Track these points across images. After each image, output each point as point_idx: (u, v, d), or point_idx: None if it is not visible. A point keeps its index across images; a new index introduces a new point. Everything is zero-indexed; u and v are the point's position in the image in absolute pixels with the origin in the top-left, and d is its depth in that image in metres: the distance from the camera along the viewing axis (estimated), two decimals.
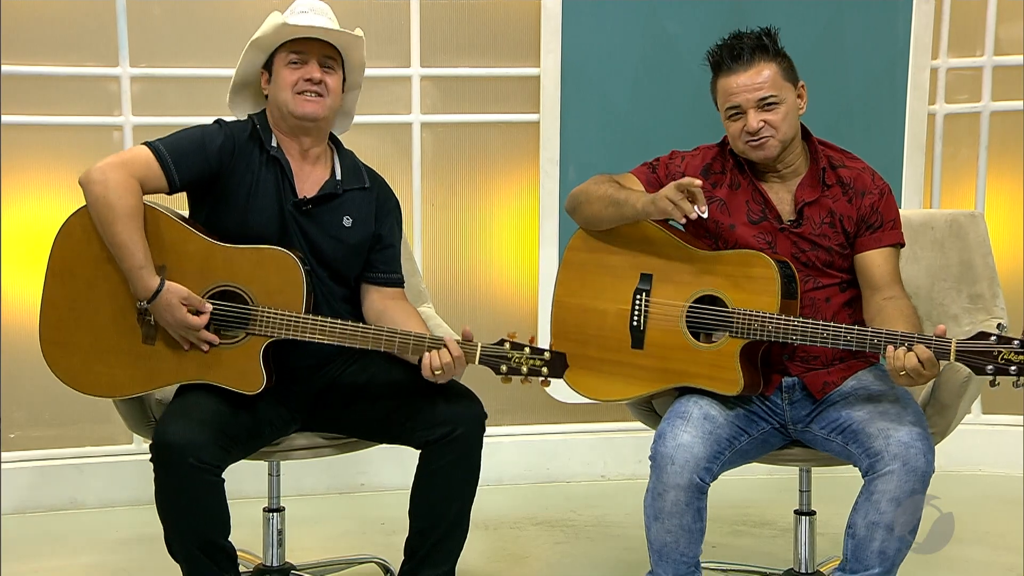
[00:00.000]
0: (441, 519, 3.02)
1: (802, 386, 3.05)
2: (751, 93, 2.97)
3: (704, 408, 2.97)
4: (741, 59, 2.97)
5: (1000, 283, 3.43)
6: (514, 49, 4.43)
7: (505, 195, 4.51)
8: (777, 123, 2.98)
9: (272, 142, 3.08)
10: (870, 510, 2.86)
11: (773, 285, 2.94)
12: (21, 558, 3.83)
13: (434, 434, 2.99)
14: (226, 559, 2.94)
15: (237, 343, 2.95)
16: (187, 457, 2.79)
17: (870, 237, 3.04)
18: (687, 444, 2.90)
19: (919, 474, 2.84)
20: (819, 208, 3.04)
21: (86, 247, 2.97)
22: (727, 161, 3.11)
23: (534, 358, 2.92)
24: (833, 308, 3.05)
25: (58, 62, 4.17)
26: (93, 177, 2.91)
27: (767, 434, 3.06)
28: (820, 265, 3.04)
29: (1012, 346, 2.70)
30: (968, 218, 3.47)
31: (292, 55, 3.05)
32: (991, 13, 4.57)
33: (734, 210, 3.07)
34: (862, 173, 3.08)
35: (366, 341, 2.94)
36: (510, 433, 4.55)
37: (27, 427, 4.26)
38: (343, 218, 3.10)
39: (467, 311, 4.47)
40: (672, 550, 2.95)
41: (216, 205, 3.03)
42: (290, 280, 2.95)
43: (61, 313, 2.99)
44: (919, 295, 3.42)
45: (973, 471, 4.66)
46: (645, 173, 3.16)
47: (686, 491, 2.89)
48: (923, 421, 2.95)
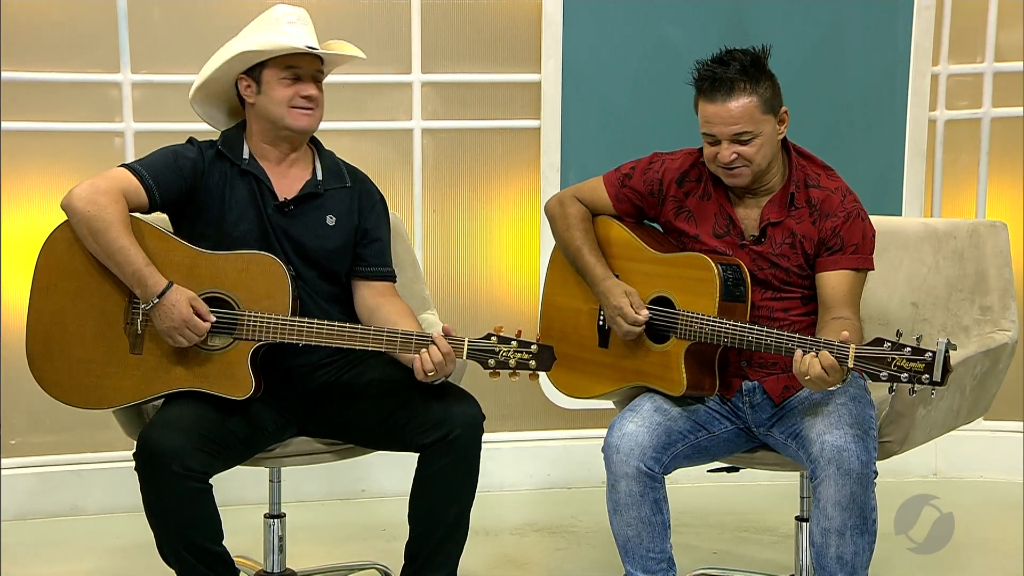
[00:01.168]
0: (440, 522, 3.02)
1: (762, 390, 3.07)
2: (726, 126, 2.95)
3: (658, 403, 3.05)
4: (721, 89, 2.94)
5: (1015, 295, 3.39)
6: (515, 55, 4.44)
7: (506, 201, 4.51)
8: (751, 155, 2.98)
9: (244, 154, 3.09)
10: (820, 517, 2.89)
11: (711, 287, 2.98)
12: (21, 564, 3.83)
13: (431, 436, 2.98)
14: (220, 564, 2.94)
15: (225, 349, 2.95)
16: (171, 464, 2.80)
17: (828, 259, 3.03)
18: (631, 433, 2.97)
19: (854, 476, 2.84)
20: (782, 229, 3.05)
21: (70, 260, 2.98)
22: (704, 170, 3.12)
23: (521, 351, 2.92)
24: (791, 319, 3.06)
25: (59, 68, 4.17)
26: (78, 195, 2.93)
27: (731, 434, 3.09)
28: (776, 283, 3.06)
29: (904, 353, 2.66)
30: (988, 228, 3.43)
31: (287, 71, 3.04)
32: (992, 19, 4.57)
33: (700, 221, 3.10)
34: (832, 195, 3.05)
35: (353, 340, 2.94)
36: (510, 439, 4.55)
37: (27, 433, 4.26)
38: (326, 217, 3.11)
39: (468, 317, 4.47)
40: (636, 545, 2.98)
41: (195, 220, 3.06)
42: (276, 284, 2.96)
43: (47, 327, 3.00)
44: (937, 305, 3.41)
45: (974, 477, 4.66)
46: (615, 185, 3.20)
47: (636, 480, 2.94)
48: (865, 423, 2.93)
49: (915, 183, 4.53)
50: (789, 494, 3.40)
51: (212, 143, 3.11)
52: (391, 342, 2.93)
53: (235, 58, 3.05)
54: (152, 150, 3.10)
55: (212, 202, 3.05)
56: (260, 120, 3.09)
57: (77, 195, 2.93)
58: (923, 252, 3.47)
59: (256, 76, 3.07)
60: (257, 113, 3.09)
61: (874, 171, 4.48)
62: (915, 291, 3.47)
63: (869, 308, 3.48)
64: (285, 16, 3.09)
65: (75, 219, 2.93)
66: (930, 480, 4.63)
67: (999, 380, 3.38)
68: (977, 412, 3.37)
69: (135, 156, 4.17)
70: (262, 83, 3.06)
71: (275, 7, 3.11)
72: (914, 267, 3.48)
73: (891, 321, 3.48)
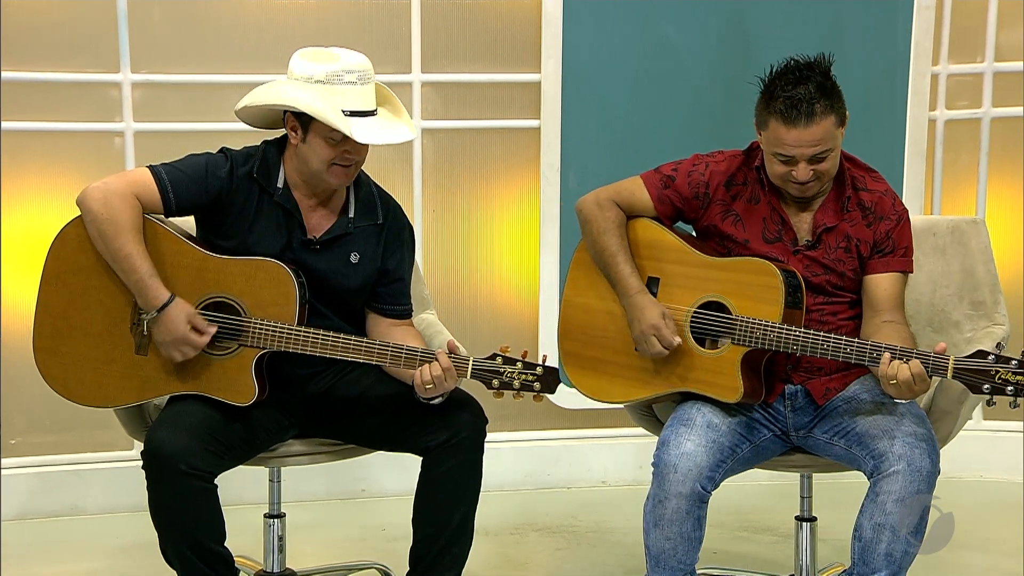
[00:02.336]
0: (445, 526, 3.02)
1: (805, 393, 3.05)
2: (808, 148, 2.89)
3: (707, 415, 2.97)
4: (802, 113, 2.85)
5: (1002, 290, 3.42)
6: (515, 55, 4.43)
7: (506, 201, 4.51)
8: (826, 170, 2.94)
9: (279, 182, 3.02)
10: (876, 511, 2.86)
11: (777, 294, 2.93)
12: (21, 564, 3.83)
13: (435, 440, 2.98)
14: (222, 564, 2.94)
15: (229, 354, 2.95)
16: (178, 464, 2.80)
17: (879, 261, 3.02)
18: (691, 453, 2.90)
19: (924, 474, 2.84)
20: (837, 233, 3.02)
21: (81, 256, 2.97)
22: (750, 173, 3.07)
23: (526, 373, 2.90)
24: (839, 322, 3.04)
25: (59, 68, 4.17)
26: (92, 195, 2.92)
27: (767, 441, 3.06)
28: (830, 288, 3.03)
29: (1010, 366, 2.68)
30: (970, 224, 3.45)
31: (334, 132, 2.91)
32: (992, 19, 4.56)
33: (749, 226, 3.05)
34: (884, 197, 3.05)
35: (358, 354, 2.93)
36: (511, 439, 4.54)
37: (27, 433, 4.26)
38: (351, 254, 3.07)
39: (468, 317, 4.47)
40: (670, 557, 2.95)
41: (218, 230, 3.02)
42: (283, 292, 2.95)
43: (54, 322, 2.99)
44: (921, 301, 3.42)
45: (974, 477, 4.66)
46: (657, 186, 3.11)
47: (688, 499, 2.89)
48: (927, 423, 2.96)
49: (915, 183, 4.53)
50: (789, 494, 3.40)
51: (247, 157, 3.03)
52: (396, 357, 2.92)
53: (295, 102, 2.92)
54: (152, 150, 3.10)
55: (237, 221, 3.00)
56: (299, 161, 3.00)
57: (91, 195, 2.92)
58: None
59: (304, 123, 2.94)
60: (297, 154, 2.99)
61: None
62: None
63: None
64: (347, 74, 2.94)
65: (87, 218, 2.93)
66: None
67: None
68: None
69: (135, 156, 4.19)
70: (308, 133, 2.94)
71: (341, 57, 2.96)
72: None
73: None
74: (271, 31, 4.25)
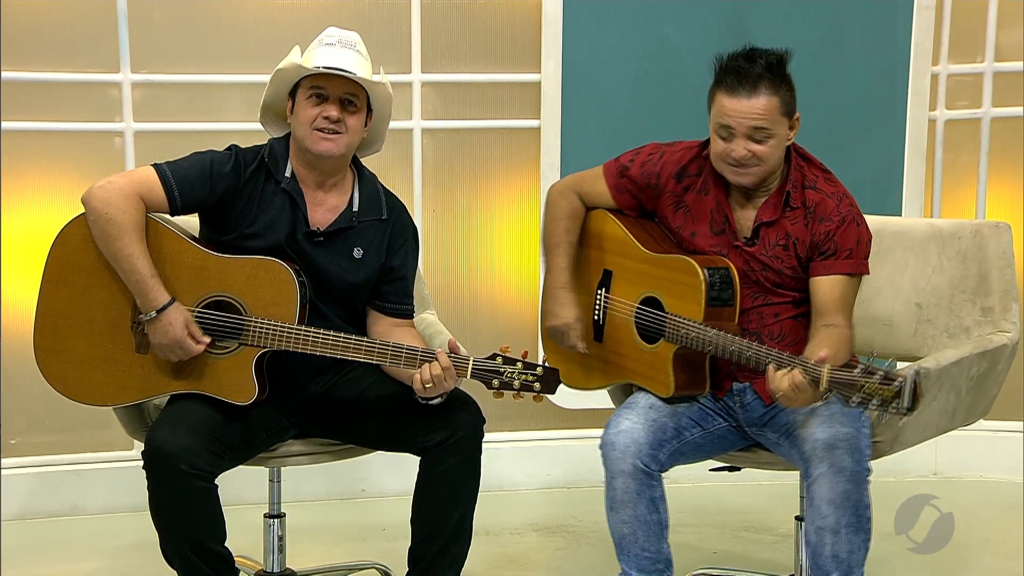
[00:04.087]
0: (444, 526, 3.02)
1: (752, 391, 3.07)
2: (747, 120, 2.92)
3: (651, 399, 3.05)
4: (745, 84, 2.91)
5: (1018, 297, 3.38)
6: (515, 55, 4.43)
7: (506, 201, 4.51)
8: (764, 155, 2.95)
9: (287, 171, 3.05)
10: (815, 515, 2.89)
11: (698, 293, 2.98)
12: (22, 565, 3.83)
13: (434, 439, 2.98)
14: (222, 564, 2.94)
15: (230, 353, 2.95)
16: (179, 464, 2.80)
17: (820, 263, 3.01)
18: (627, 430, 2.97)
19: (847, 473, 2.84)
20: (776, 230, 3.03)
21: (82, 255, 2.97)
22: (705, 163, 3.09)
23: (526, 373, 2.91)
24: (781, 323, 3.05)
25: (59, 68, 4.17)
26: (96, 194, 2.92)
27: (725, 431, 3.10)
28: (769, 285, 3.04)
29: (874, 379, 2.63)
30: (992, 229, 3.41)
31: (313, 90, 2.99)
32: (992, 19, 4.56)
33: (698, 217, 3.08)
34: (828, 199, 3.02)
35: (359, 353, 2.93)
36: (510, 439, 4.55)
37: (27, 433, 4.26)
38: (354, 249, 3.08)
39: (468, 317, 4.47)
40: (631, 543, 2.98)
41: (221, 227, 3.03)
42: (284, 291, 2.95)
43: (55, 320, 2.99)
44: (940, 306, 3.40)
45: (974, 477, 4.66)
46: (614, 176, 3.18)
47: (632, 478, 2.94)
48: (858, 422, 2.92)
49: (915, 183, 4.53)
50: (789, 494, 3.40)
51: (255, 153, 3.07)
52: (396, 356, 2.93)
53: (271, 81, 3.05)
54: (152, 150, 3.10)
55: (239, 216, 3.02)
56: (295, 141, 3.06)
57: (96, 194, 2.92)
58: (928, 253, 3.46)
59: (293, 96, 3.04)
60: (293, 134, 3.06)
61: (874, 171, 4.48)
62: (919, 292, 3.46)
63: (874, 309, 3.49)
64: (327, 36, 3.05)
65: (90, 217, 2.93)
66: (930, 480, 4.63)
67: (999, 382, 3.36)
68: (977, 413, 3.36)
69: (135, 156, 4.19)
70: (296, 103, 3.03)
71: (328, 29, 3.07)
72: (919, 268, 3.47)
73: (895, 322, 3.48)
74: (271, 31, 4.25)
